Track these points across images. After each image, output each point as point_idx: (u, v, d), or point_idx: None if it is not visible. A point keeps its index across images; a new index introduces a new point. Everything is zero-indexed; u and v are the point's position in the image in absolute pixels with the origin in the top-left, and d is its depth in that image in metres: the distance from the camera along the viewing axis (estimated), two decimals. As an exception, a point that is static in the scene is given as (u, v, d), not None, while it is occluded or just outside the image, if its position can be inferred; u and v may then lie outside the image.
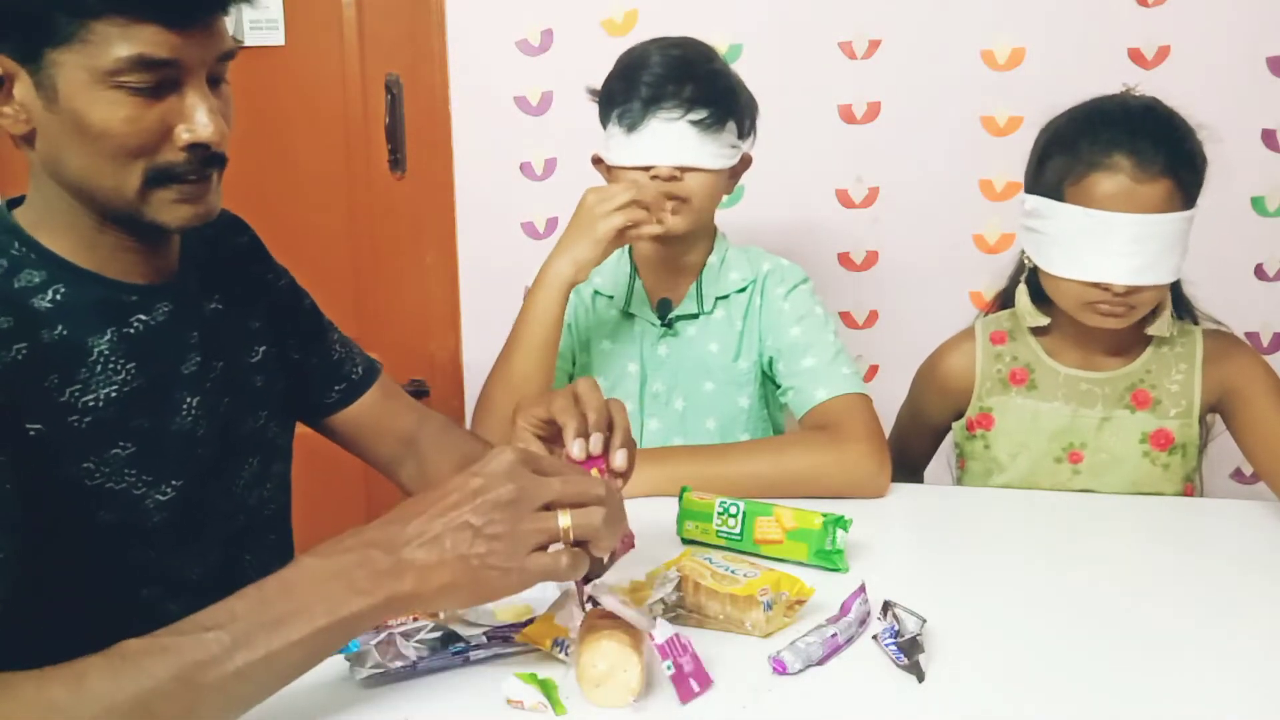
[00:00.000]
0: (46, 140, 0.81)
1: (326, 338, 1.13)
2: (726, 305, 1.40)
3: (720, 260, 1.41)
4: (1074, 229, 1.18)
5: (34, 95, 0.79)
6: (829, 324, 1.36)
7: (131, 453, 0.84)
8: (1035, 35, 1.80)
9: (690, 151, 1.28)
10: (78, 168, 0.81)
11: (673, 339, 1.41)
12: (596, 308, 1.45)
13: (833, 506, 1.02)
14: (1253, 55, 1.76)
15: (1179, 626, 0.90)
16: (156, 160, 0.81)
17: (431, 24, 1.96)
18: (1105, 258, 1.16)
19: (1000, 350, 1.36)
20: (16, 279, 0.81)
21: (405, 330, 2.11)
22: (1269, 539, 1.12)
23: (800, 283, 1.39)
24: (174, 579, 0.89)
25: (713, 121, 1.28)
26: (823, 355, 1.32)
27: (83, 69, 0.77)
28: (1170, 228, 1.16)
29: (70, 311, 0.83)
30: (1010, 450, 1.34)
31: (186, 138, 0.81)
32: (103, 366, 0.84)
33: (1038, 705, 0.77)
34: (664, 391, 1.41)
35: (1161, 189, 1.15)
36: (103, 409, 0.83)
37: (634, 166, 1.31)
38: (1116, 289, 1.17)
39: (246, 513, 0.99)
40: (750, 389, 1.40)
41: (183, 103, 0.81)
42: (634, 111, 1.29)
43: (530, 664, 0.80)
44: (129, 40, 0.76)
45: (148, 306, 0.88)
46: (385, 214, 2.08)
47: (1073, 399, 1.31)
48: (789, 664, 0.79)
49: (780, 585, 0.87)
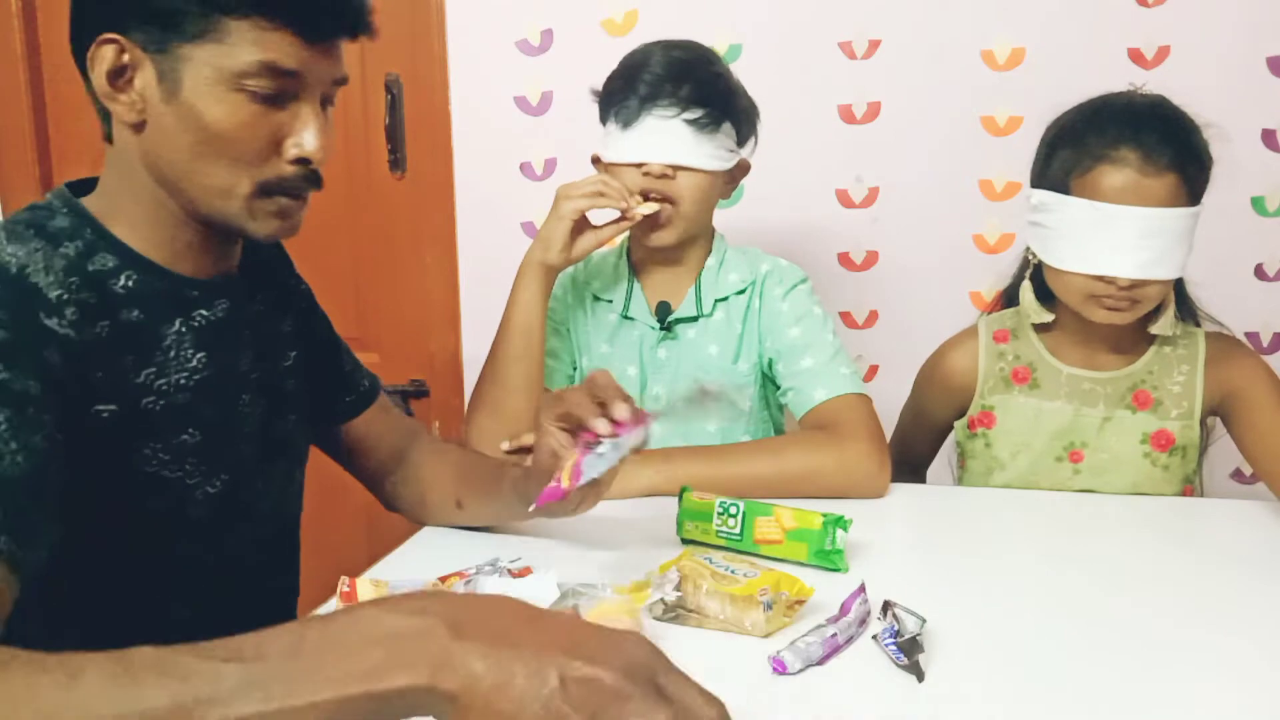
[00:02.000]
0: (157, 132, 0.82)
1: (339, 347, 1.14)
2: (726, 307, 1.39)
3: (719, 262, 1.41)
4: (1080, 222, 1.18)
5: (155, 86, 0.80)
6: (828, 324, 1.36)
7: (198, 441, 0.86)
8: (1035, 35, 1.80)
9: (684, 150, 1.28)
10: (184, 164, 0.82)
11: (672, 342, 1.41)
12: (596, 312, 1.44)
13: (833, 506, 1.02)
14: (1253, 55, 1.76)
15: (1178, 626, 0.90)
16: (265, 171, 0.83)
17: (431, 24, 1.96)
18: (1110, 251, 1.16)
19: (1003, 349, 1.36)
20: (91, 261, 0.82)
21: (405, 330, 2.11)
22: (1269, 539, 1.12)
23: (799, 283, 1.39)
24: (199, 572, 0.90)
25: (708, 122, 1.28)
26: (821, 355, 1.32)
27: (210, 66, 0.78)
28: (1176, 223, 1.15)
29: (143, 297, 0.84)
30: (1011, 449, 1.34)
31: (294, 152, 0.84)
32: (175, 353, 0.85)
33: (1038, 705, 0.77)
34: (664, 394, 1.41)
35: (1168, 183, 1.15)
36: (175, 394, 0.85)
37: (627, 163, 1.31)
38: (1121, 283, 1.17)
39: (275, 515, 1.00)
40: (750, 390, 1.39)
41: (296, 117, 0.83)
42: (630, 108, 1.29)
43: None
44: (261, 45, 0.79)
45: (208, 302, 0.90)
46: (385, 214, 2.08)
47: (1075, 398, 1.31)
48: (789, 664, 0.79)
49: (780, 585, 0.87)
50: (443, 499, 1.11)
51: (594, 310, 1.44)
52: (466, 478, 1.10)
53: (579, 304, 1.45)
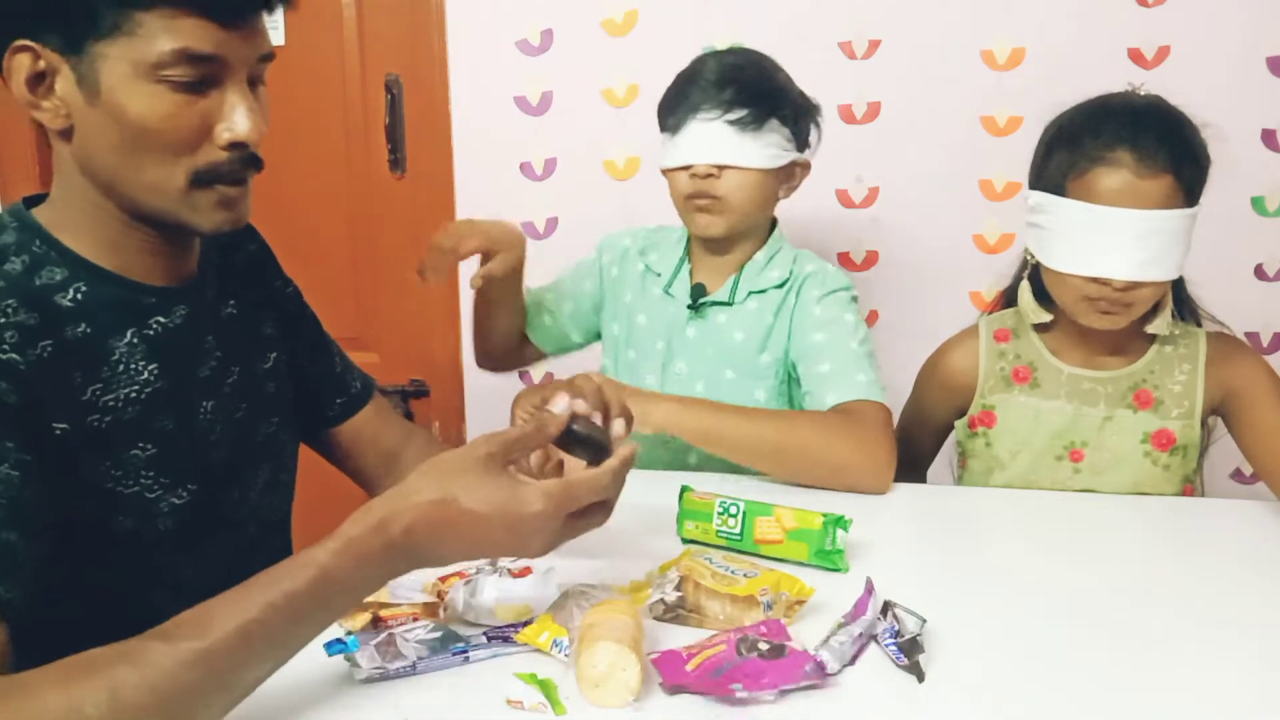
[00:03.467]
0: (85, 135, 0.81)
1: (329, 349, 1.13)
2: (760, 299, 1.41)
3: (768, 258, 1.42)
4: (1076, 224, 1.18)
5: (75, 89, 0.79)
6: (857, 333, 1.35)
7: (151, 454, 0.84)
8: (1035, 35, 1.80)
9: (727, 150, 1.31)
10: (116, 164, 0.81)
11: (701, 322, 1.43)
12: (645, 282, 1.48)
13: (833, 506, 1.02)
14: (1253, 55, 1.76)
15: (1179, 626, 0.90)
16: (198, 160, 0.82)
17: (431, 24, 1.96)
18: (1106, 253, 1.16)
19: (1004, 348, 1.36)
20: (38, 276, 0.81)
21: (405, 330, 2.12)
22: (1269, 539, 1.12)
23: (838, 289, 1.39)
24: (185, 584, 0.87)
25: (750, 120, 1.31)
26: (840, 362, 1.32)
27: (126, 61, 0.77)
28: (1172, 224, 1.15)
29: (91, 310, 0.83)
30: (1011, 448, 1.34)
31: (226, 136, 0.82)
32: (124, 366, 0.84)
33: (1037, 705, 0.77)
34: (686, 372, 1.44)
35: (1164, 185, 1.15)
36: (123, 409, 0.83)
37: (676, 168, 1.35)
38: (1117, 284, 1.17)
39: (257, 521, 0.98)
40: (769, 383, 1.40)
41: (223, 101, 0.82)
42: (678, 116, 1.34)
43: (530, 664, 0.80)
44: (173, 33, 0.77)
45: (166, 309, 0.88)
46: (385, 214, 2.08)
47: (1075, 397, 1.31)
48: (829, 664, 0.78)
49: (780, 585, 0.87)
50: None
51: (644, 280, 1.48)
52: None
53: (625, 275, 1.49)
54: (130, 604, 0.85)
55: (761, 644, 0.79)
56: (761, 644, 0.79)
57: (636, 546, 1.04)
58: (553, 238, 2.00)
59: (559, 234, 2.00)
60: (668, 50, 1.43)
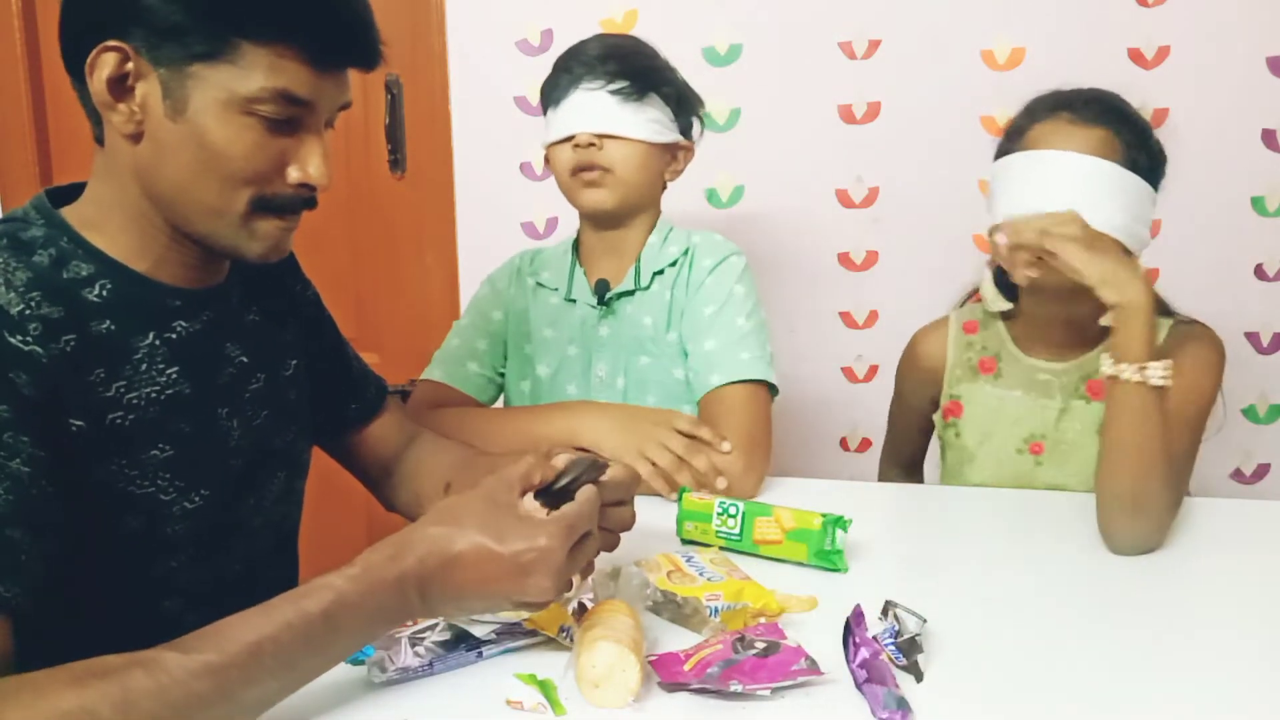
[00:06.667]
0: (156, 147, 0.80)
1: (346, 353, 1.13)
2: (660, 279, 1.39)
3: (662, 239, 1.40)
4: (1015, 173, 1.19)
5: (159, 101, 0.79)
6: (746, 304, 1.34)
7: (168, 456, 0.84)
8: (1035, 35, 1.81)
9: (609, 119, 1.30)
10: (182, 182, 0.81)
11: (612, 318, 1.40)
12: (539, 298, 1.45)
13: (834, 506, 1.02)
14: (1253, 55, 1.76)
15: (1178, 626, 0.90)
16: (263, 190, 0.83)
17: (431, 24, 1.97)
18: (1039, 190, 1.16)
19: (971, 339, 1.38)
20: (65, 269, 0.81)
21: (405, 330, 2.12)
22: (1269, 539, 1.12)
23: (729, 256, 1.37)
24: (194, 591, 0.88)
25: (633, 91, 1.30)
26: (726, 338, 1.30)
27: (221, 88, 0.78)
28: (1108, 174, 1.14)
29: (116, 307, 0.82)
30: (977, 439, 1.35)
31: (297, 177, 0.83)
32: (147, 366, 0.83)
33: (1037, 705, 0.77)
34: (607, 373, 1.41)
35: (1098, 134, 1.17)
36: (145, 408, 0.83)
37: (559, 140, 1.34)
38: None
39: (269, 528, 0.98)
40: (683, 361, 1.37)
41: (301, 144, 0.83)
42: (560, 88, 1.33)
43: (530, 665, 0.80)
44: (275, 72, 0.78)
45: (190, 313, 0.88)
46: (385, 214, 2.08)
47: (1033, 389, 1.32)
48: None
49: (743, 596, 0.87)
50: (434, 490, 1.09)
51: (536, 296, 1.45)
52: (459, 468, 1.08)
53: (522, 293, 1.46)
54: (142, 610, 0.85)
55: (758, 642, 0.79)
56: (758, 642, 0.79)
57: (636, 547, 1.04)
58: (553, 238, 2.00)
59: (559, 234, 2.00)
60: (667, 50, 1.43)
